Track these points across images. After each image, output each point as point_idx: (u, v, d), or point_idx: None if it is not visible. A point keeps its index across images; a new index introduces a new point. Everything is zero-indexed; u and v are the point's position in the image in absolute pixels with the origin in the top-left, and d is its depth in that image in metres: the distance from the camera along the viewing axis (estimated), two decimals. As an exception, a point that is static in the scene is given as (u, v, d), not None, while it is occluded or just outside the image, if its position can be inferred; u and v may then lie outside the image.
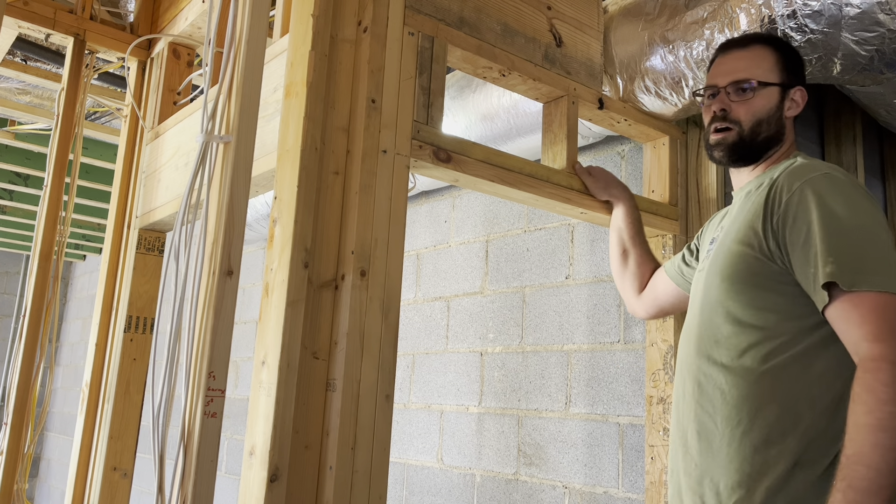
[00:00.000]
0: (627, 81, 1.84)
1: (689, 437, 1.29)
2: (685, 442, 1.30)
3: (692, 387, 1.30)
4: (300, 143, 1.28)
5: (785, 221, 1.20)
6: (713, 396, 1.25)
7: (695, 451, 1.27)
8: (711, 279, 1.31)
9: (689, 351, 1.35)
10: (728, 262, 1.27)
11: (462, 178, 1.54)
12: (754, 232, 1.24)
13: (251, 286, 3.93)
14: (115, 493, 1.92)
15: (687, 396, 1.32)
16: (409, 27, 1.44)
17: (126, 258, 2.07)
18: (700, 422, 1.27)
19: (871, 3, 1.38)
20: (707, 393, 1.27)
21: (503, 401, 2.46)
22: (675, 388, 1.41)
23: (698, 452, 1.26)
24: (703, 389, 1.28)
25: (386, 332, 1.31)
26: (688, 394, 1.32)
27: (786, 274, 1.21)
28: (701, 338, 1.31)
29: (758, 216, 1.25)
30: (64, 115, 2.09)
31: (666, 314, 1.77)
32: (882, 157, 1.92)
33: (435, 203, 2.93)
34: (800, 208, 1.19)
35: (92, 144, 3.60)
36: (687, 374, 1.33)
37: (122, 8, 2.24)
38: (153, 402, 1.19)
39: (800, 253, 1.18)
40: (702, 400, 1.27)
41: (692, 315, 1.37)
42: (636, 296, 1.75)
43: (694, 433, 1.28)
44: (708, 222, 1.59)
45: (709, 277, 1.32)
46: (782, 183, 1.24)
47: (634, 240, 1.74)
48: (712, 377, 1.26)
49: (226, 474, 3.81)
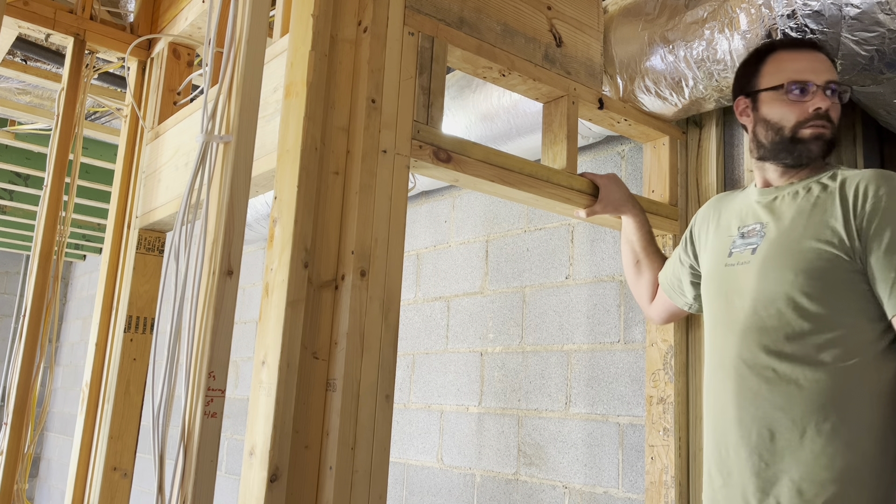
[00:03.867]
0: (627, 81, 1.84)
1: (756, 437, 1.26)
2: (748, 442, 1.27)
3: (754, 383, 1.28)
4: (300, 143, 1.28)
5: (871, 222, 1.22)
6: (788, 392, 1.24)
7: (766, 450, 1.25)
8: (776, 273, 1.29)
9: (737, 345, 1.32)
10: (801, 258, 1.27)
11: (462, 178, 1.54)
12: (832, 230, 1.25)
13: (251, 286, 3.93)
14: (115, 493, 1.92)
15: (746, 394, 1.29)
16: (409, 27, 1.44)
17: (126, 258, 2.07)
18: (772, 419, 1.24)
19: (871, 3, 1.38)
20: (779, 389, 1.25)
21: (503, 401, 2.46)
22: (713, 386, 1.38)
23: (771, 451, 1.24)
24: (772, 385, 1.26)
25: (386, 332, 1.31)
26: (744, 391, 1.29)
27: (863, 273, 1.23)
28: (763, 332, 1.28)
29: (835, 215, 1.26)
30: (64, 115, 2.09)
31: (678, 318, 1.81)
32: (882, 157, 1.92)
33: (435, 203, 2.93)
34: (886, 213, 1.21)
35: (92, 144, 3.60)
36: (742, 370, 1.30)
37: (122, 8, 2.24)
38: (153, 402, 1.19)
39: (882, 256, 1.20)
40: (772, 397, 1.25)
41: (740, 309, 1.34)
42: (649, 303, 1.79)
43: (764, 432, 1.25)
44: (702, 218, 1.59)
45: (770, 271, 1.30)
46: (865, 185, 1.25)
47: (646, 250, 1.77)
48: (786, 373, 1.25)
49: (226, 474, 3.81)
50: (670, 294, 1.70)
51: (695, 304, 1.66)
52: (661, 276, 1.73)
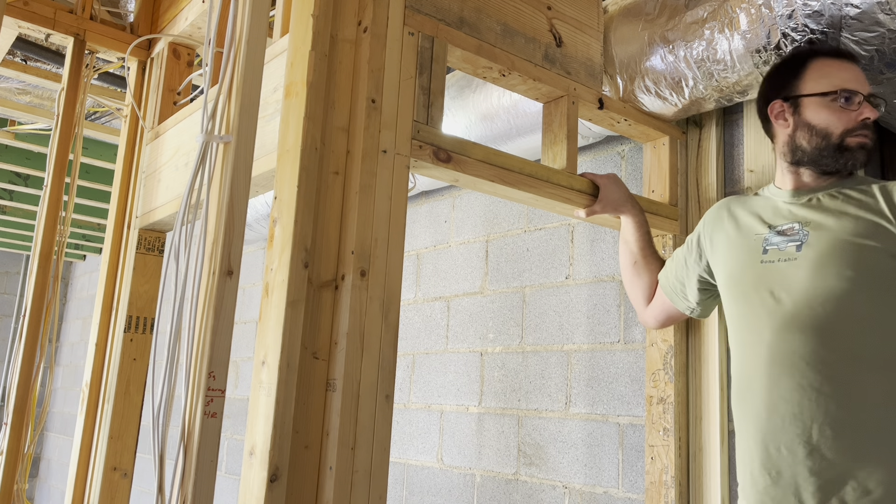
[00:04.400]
0: (627, 81, 1.84)
1: (818, 436, 1.25)
2: (808, 440, 1.26)
3: (816, 381, 1.27)
4: (300, 143, 1.28)
5: None
6: (853, 392, 1.24)
7: (829, 449, 1.24)
8: (834, 270, 1.30)
9: (800, 342, 1.30)
10: (860, 256, 1.28)
11: (462, 178, 1.54)
12: (886, 231, 1.28)
13: (251, 286, 3.93)
14: (115, 493, 1.92)
15: (806, 391, 1.28)
16: (409, 27, 1.44)
17: (126, 258, 2.07)
18: (836, 418, 1.24)
19: (871, 3, 1.38)
20: (845, 388, 1.25)
21: (503, 401, 2.46)
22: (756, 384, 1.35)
23: (835, 451, 1.23)
24: (836, 384, 1.25)
25: (386, 332, 1.31)
26: (804, 388, 1.28)
27: None
28: (822, 329, 1.28)
29: (886, 217, 1.29)
30: (64, 115, 2.09)
31: (675, 322, 1.80)
32: (882, 157, 1.92)
33: (435, 203, 2.93)
34: None
35: (92, 144, 3.60)
36: (801, 367, 1.29)
37: (122, 8, 2.24)
38: (153, 402, 1.19)
39: None
40: (837, 395, 1.25)
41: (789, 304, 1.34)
42: (645, 306, 1.78)
43: (827, 430, 1.25)
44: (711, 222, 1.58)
45: (827, 268, 1.30)
46: None
47: (644, 251, 1.76)
48: (852, 372, 1.25)
49: (226, 474, 3.81)
50: (672, 297, 1.69)
51: (697, 309, 1.66)
52: (662, 278, 1.72)
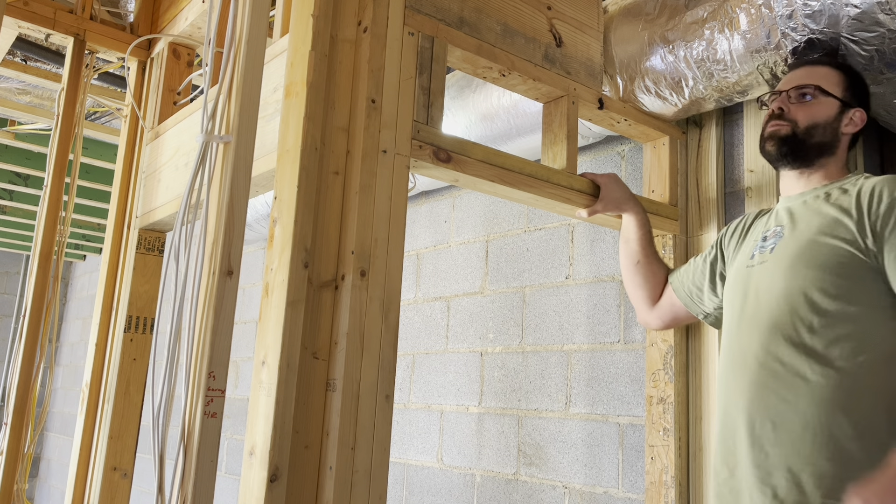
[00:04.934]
0: (627, 81, 1.84)
1: (760, 428, 1.28)
2: (752, 433, 1.29)
3: (762, 376, 1.30)
4: (300, 143, 1.28)
5: (886, 223, 1.25)
6: (794, 385, 1.26)
7: (768, 441, 1.26)
8: (793, 270, 1.32)
9: (755, 341, 1.34)
10: (817, 253, 1.30)
11: (462, 178, 1.54)
12: (845, 227, 1.29)
13: (251, 286, 3.93)
14: (115, 493, 1.92)
15: (756, 387, 1.31)
16: (409, 27, 1.44)
17: (126, 258, 2.07)
18: (776, 412, 1.26)
19: (871, 3, 1.38)
20: (785, 382, 1.27)
21: (503, 401, 2.46)
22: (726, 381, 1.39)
23: (773, 443, 1.26)
24: (778, 378, 1.28)
25: (386, 332, 1.31)
26: (753, 384, 1.31)
27: (877, 272, 1.26)
28: (777, 327, 1.31)
29: (849, 214, 1.30)
30: (64, 115, 2.09)
31: (680, 325, 1.80)
32: (882, 157, 1.91)
33: (435, 203, 2.93)
34: None
35: (92, 144, 3.60)
36: (753, 365, 1.33)
37: (122, 8, 2.24)
38: (153, 402, 1.19)
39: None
40: (778, 389, 1.27)
41: (756, 306, 1.37)
42: (649, 308, 1.76)
43: (767, 423, 1.27)
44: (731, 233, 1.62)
45: (787, 268, 1.34)
46: (881, 187, 1.29)
47: (647, 250, 1.76)
48: (793, 366, 1.27)
49: (226, 474, 3.81)
50: (687, 302, 1.68)
51: (711, 316, 1.66)
52: (676, 282, 1.71)
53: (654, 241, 1.79)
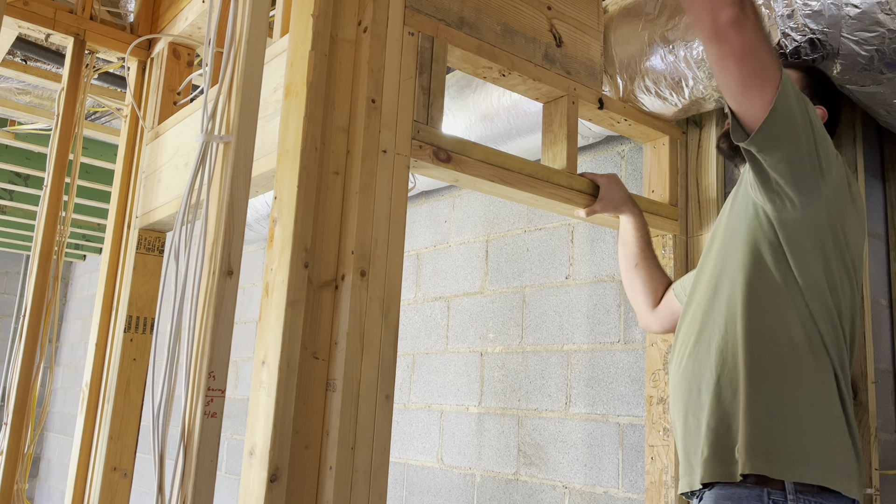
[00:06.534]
0: (627, 81, 1.84)
1: (687, 395, 1.42)
2: (686, 402, 1.42)
3: (689, 349, 1.44)
4: (300, 143, 1.28)
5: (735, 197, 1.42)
6: (708, 351, 1.40)
7: (694, 405, 1.40)
8: (711, 254, 1.47)
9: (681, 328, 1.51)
10: (722, 234, 1.45)
11: (462, 178, 1.54)
12: (740, 200, 1.41)
13: (251, 286, 3.93)
14: (115, 493, 1.92)
15: (683, 360, 1.45)
16: (409, 27, 1.44)
17: (126, 258, 2.07)
18: (700, 378, 1.40)
19: (871, 3, 1.38)
20: (702, 349, 1.41)
21: (503, 401, 2.46)
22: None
23: (698, 406, 1.39)
24: (698, 347, 1.42)
25: (386, 332, 1.31)
26: (685, 357, 1.44)
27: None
28: (687, 312, 1.48)
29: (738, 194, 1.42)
30: (64, 115, 2.09)
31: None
32: (882, 157, 1.92)
33: (435, 203, 2.93)
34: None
35: (92, 144, 3.60)
36: (678, 349, 1.49)
37: (122, 8, 2.24)
38: (153, 402, 1.19)
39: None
40: (698, 356, 1.41)
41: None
42: (650, 311, 1.76)
43: (693, 389, 1.39)
44: None
45: (708, 253, 1.48)
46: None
47: (645, 252, 1.76)
48: (704, 335, 1.41)
49: (226, 474, 3.81)
50: None
51: None
52: (678, 287, 1.69)
53: (652, 243, 1.78)
